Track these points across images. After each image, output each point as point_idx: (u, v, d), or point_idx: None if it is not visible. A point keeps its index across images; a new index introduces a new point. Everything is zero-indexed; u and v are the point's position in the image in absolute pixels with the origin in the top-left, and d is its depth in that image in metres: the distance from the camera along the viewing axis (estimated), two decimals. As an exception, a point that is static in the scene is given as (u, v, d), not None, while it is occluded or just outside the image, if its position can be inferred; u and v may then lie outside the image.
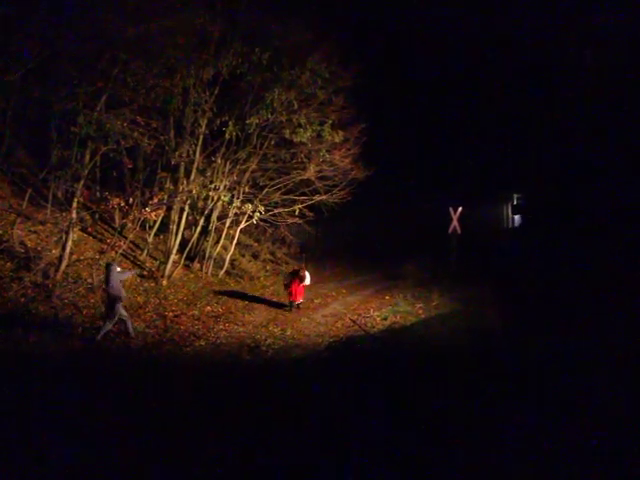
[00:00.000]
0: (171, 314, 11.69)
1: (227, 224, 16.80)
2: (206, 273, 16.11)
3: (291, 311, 13.45)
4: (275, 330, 11.56)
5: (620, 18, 14.32)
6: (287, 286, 14.04)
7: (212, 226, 16.51)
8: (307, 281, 14.12)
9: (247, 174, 16.20)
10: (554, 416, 6.13)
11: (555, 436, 5.64)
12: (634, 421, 5.87)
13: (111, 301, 9.66)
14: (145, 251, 15.22)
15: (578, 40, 16.03)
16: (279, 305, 13.98)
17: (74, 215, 11.90)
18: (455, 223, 17.61)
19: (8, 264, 11.05)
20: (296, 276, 13.92)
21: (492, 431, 5.89)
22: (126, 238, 14.28)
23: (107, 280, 9.69)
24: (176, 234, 14.91)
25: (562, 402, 6.50)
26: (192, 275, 15.50)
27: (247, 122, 14.60)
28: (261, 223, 17.07)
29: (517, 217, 25.30)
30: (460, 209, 17.65)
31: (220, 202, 15.70)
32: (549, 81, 17.82)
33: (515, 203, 25.39)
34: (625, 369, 7.26)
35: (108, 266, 9.86)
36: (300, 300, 13.89)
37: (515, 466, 5.15)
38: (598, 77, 15.44)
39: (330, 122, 15.39)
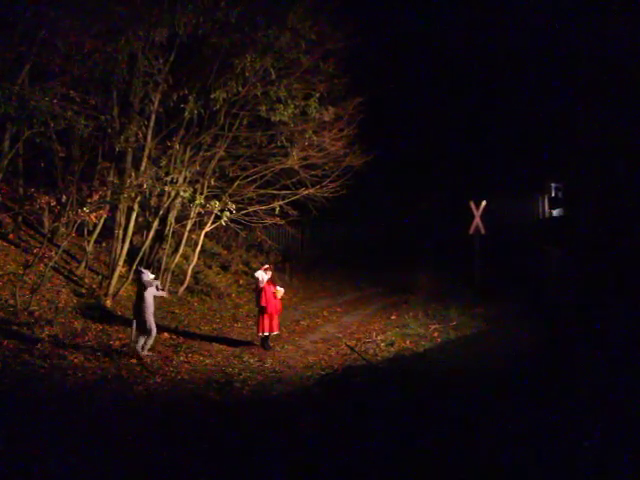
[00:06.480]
0: (118, 343, 11.54)
1: (188, 227, 16.75)
2: (162, 290, 15.90)
3: (266, 349, 12.36)
4: (251, 361, 11.52)
5: None
6: (260, 300, 12.31)
7: (169, 230, 16.43)
8: (281, 291, 12.74)
9: (213, 163, 16.20)
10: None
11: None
12: None
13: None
14: (83, 263, 15.08)
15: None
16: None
17: (-10, 218, 11.76)
18: (478, 221, 17.66)
19: None
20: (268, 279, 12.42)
21: None
22: (58, 247, 14.13)
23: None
24: (123, 241, 14.81)
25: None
26: (144, 293, 15.34)
27: (212, 97, 14.54)
28: (232, 225, 17.04)
29: (556, 212, 25.37)
30: (484, 204, 17.74)
31: (179, 199, 15.61)
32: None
33: (553, 195, 25.46)
34: None
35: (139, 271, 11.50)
36: (277, 331, 12.76)
37: None
38: None
39: (317, 95, 15.43)
